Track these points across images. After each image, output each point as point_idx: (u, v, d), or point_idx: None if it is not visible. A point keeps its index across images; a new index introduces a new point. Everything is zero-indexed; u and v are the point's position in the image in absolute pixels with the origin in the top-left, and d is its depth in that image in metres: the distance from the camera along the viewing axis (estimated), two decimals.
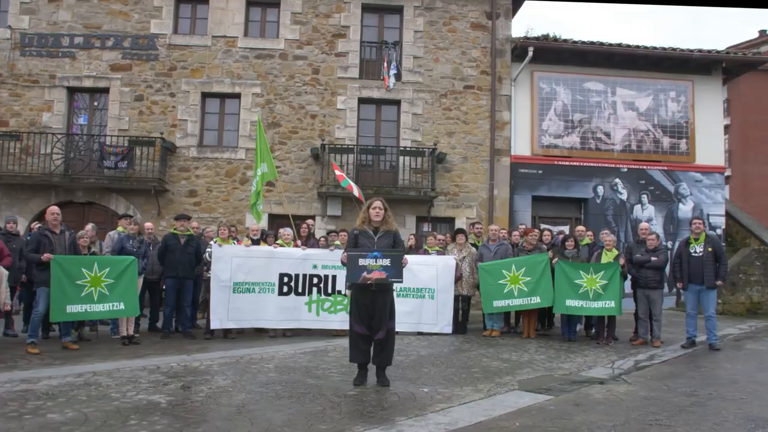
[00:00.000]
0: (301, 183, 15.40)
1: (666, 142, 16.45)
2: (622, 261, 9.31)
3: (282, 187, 14.84)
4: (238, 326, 9.44)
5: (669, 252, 9.66)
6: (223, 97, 15.77)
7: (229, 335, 9.35)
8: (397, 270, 5.75)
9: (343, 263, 5.93)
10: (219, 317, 9.19)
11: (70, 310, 7.93)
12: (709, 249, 8.94)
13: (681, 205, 16.33)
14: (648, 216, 16.13)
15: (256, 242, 10.24)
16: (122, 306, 8.31)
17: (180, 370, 6.65)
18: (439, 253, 10.43)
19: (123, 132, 15.20)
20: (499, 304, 9.78)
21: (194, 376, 6.36)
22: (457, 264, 10.01)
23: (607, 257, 9.52)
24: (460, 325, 10.25)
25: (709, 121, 16.55)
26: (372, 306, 5.90)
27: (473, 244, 10.68)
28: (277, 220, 14.68)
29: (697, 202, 16.33)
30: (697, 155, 16.44)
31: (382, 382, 5.92)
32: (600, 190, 16.17)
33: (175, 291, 9.31)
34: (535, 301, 9.59)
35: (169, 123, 15.46)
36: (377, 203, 6.03)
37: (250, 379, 6.22)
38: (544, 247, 10.15)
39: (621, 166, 16.26)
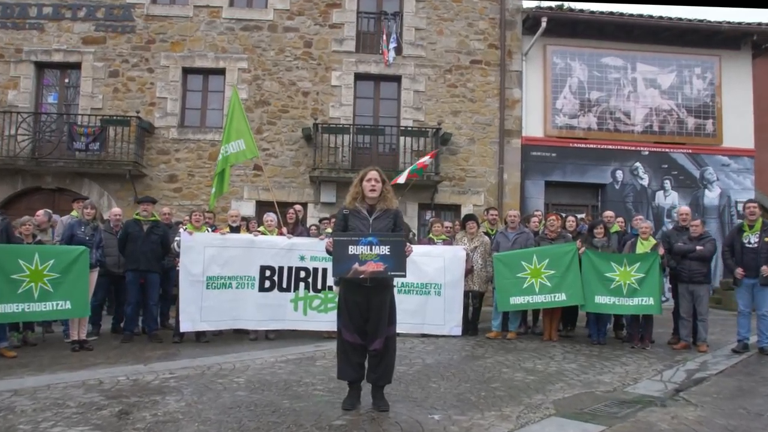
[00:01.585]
0: (292, 167, 14.01)
1: (690, 122, 15.07)
2: (661, 251, 7.94)
3: (269, 172, 13.48)
4: (213, 328, 8.08)
5: (715, 241, 8.19)
6: (206, 72, 14.37)
7: (203, 338, 8.01)
8: (398, 260, 4.38)
9: (328, 252, 4.55)
10: (190, 318, 7.83)
11: (3, 310, 6.57)
12: (766, 239, 7.58)
13: (707, 192, 14.98)
14: (671, 203, 14.79)
15: (235, 230, 8.89)
16: (69, 305, 6.95)
17: (126, 387, 5.29)
18: (446, 242, 9.07)
19: (96, 111, 13.81)
20: (517, 301, 8.42)
21: (141, 395, 5.00)
22: (467, 255, 8.65)
23: (643, 247, 8.15)
24: (470, 325, 8.89)
25: (737, 100, 15.14)
26: (366, 307, 4.54)
27: (486, 233, 9.30)
28: (264, 209, 13.29)
29: (724, 188, 14.98)
30: (724, 137, 15.07)
31: (379, 406, 4.56)
32: (619, 174, 14.81)
33: (137, 286, 7.97)
34: (561, 298, 8.23)
35: (147, 101, 14.08)
36: (372, 174, 4.66)
37: (211, 400, 4.87)
38: (569, 235, 8.79)
39: (642, 148, 14.89)
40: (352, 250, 4.36)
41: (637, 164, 14.86)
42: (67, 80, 14.42)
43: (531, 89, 14.70)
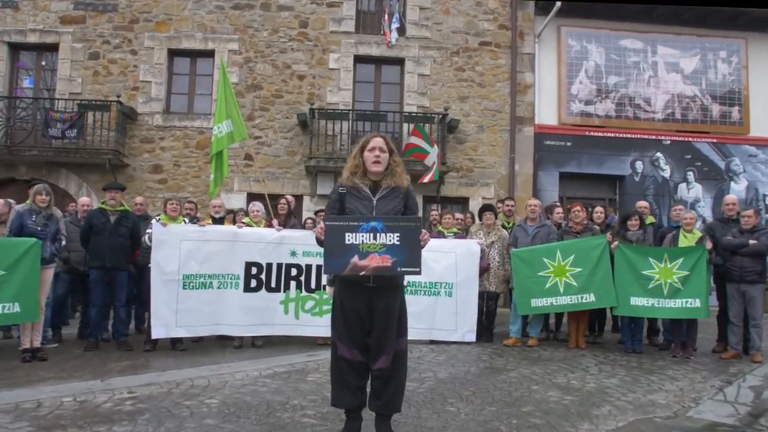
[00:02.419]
0: (286, 156, 12.94)
1: (715, 110, 14.01)
2: (709, 245, 6.87)
3: (261, 162, 12.43)
4: (191, 334, 7.02)
5: None
6: (193, 55, 13.30)
7: (179, 346, 6.94)
8: (410, 252, 3.33)
9: (319, 242, 3.49)
10: (163, 322, 6.76)
11: None
12: None
13: (733, 184, 13.91)
14: (695, 196, 13.74)
15: (219, 222, 7.84)
16: (17, 308, 5.89)
17: (68, 413, 4.24)
18: (458, 236, 8.01)
19: (75, 96, 12.77)
20: (539, 303, 7.36)
21: (82, 425, 3.94)
22: (482, 250, 7.59)
23: (686, 240, 7.09)
24: (485, 330, 7.84)
25: (765, 85, 14.06)
26: (369, 314, 3.49)
27: (503, 227, 8.25)
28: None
29: (751, 180, 13.92)
30: (751, 126, 14.01)
31: None
32: (639, 165, 13.75)
33: (102, 286, 6.91)
34: (589, 299, 7.17)
35: (130, 85, 13.01)
36: (377, 141, 3.61)
37: None
38: (597, 228, 7.72)
39: (663, 137, 13.83)
40: (350, 238, 3.31)
41: (658, 154, 13.81)
42: (43, 63, 13.35)
43: (544, 73, 13.65)
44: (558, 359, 6.64)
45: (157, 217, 7.09)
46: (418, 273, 3.39)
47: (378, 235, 3.30)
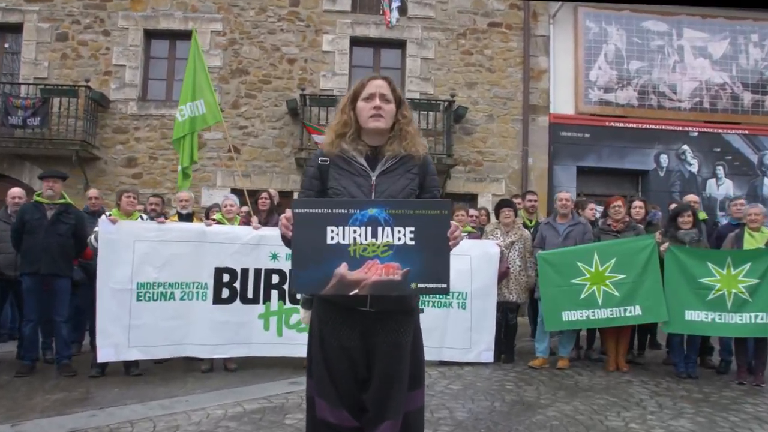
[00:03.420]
0: (275, 148, 11.65)
1: (747, 98, 12.76)
2: None
3: (247, 154, 11.17)
4: (147, 356, 5.73)
5: None
6: (172, 36, 12.01)
7: (133, 370, 5.67)
8: (434, 257, 2.04)
9: (285, 240, 2.19)
10: (112, 342, 5.50)
11: None
12: None
13: (766, 180, 12.66)
14: (725, 193, 12.48)
15: (187, 218, 6.56)
16: None
17: None
18: (472, 235, 6.73)
19: (41, 81, 11.46)
20: (571, 317, 6.08)
21: None
22: (502, 253, 6.31)
23: (753, 241, 5.82)
24: (504, 348, 6.56)
25: None
26: (365, 356, 2.22)
27: (524, 225, 6.97)
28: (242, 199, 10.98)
29: None
30: None
31: None
32: (663, 159, 12.49)
33: (37, 296, 5.61)
34: (634, 313, 5.91)
35: (102, 69, 11.73)
36: (377, 85, 2.35)
37: None
38: (640, 226, 6.45)
39: (690, 129, 12.57)
40: (335, 235, 2.02)
41: (685, 147, 12.55)
42: (6, 45, 12.07)
43: (560, 58, 12.40)
44: (600, 388, 5.36)
45: (108, 213, 5.79)
46: (446, 292, 2.10)
47: (380, 229, 2.02)
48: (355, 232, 2.03)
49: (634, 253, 5.97)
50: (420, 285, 2.05)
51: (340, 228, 2.03)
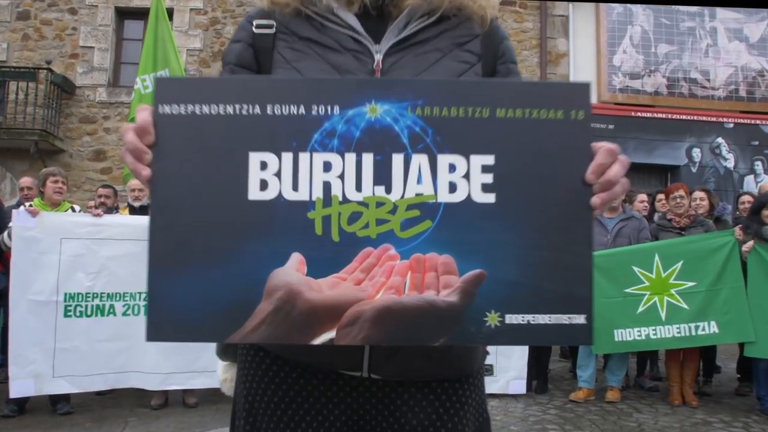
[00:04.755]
0: None
1: None
2: None
3: None
4: (79, 389, 4.39)
5: None
6: (146, 15, 10.70)
7: (62, 407, 4.36)
8: (552, 232, 0.73)
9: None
10: (31, 371, 4.18)
11: None
12: None
13: None
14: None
15: (140, 212, 5.25)
16: None
17: None
18: None
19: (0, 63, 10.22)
20: (626, 336, 4.77)
21: None
22: None
23: None
24: (537, 374, 5.25)
25: None
26: None
27: None
28: None
29: None
30: None
31: None
32: (696, 153, 11.24)
33: None
34: (709, 330, 4.60)
35: (68, 52, 10.51)
36: None
37: None
38: (709, 222, 5.15)
39: (725, 119, 11.34)
40: (268, 174, 0.70)
41: (719, 140, 11.31)
42: None
43: (580, 41, 11.22)
44: (669, 430, 4.05)
45: (27, 204, 4.48)
46: (586, 336, 0.80)
47: (397, 162, 0.71)
48: (328, 166, 0.72)
49: (707, 254, 4.67)
50: (512, 316, 0.74)
51: (288, 155, 0.72)
